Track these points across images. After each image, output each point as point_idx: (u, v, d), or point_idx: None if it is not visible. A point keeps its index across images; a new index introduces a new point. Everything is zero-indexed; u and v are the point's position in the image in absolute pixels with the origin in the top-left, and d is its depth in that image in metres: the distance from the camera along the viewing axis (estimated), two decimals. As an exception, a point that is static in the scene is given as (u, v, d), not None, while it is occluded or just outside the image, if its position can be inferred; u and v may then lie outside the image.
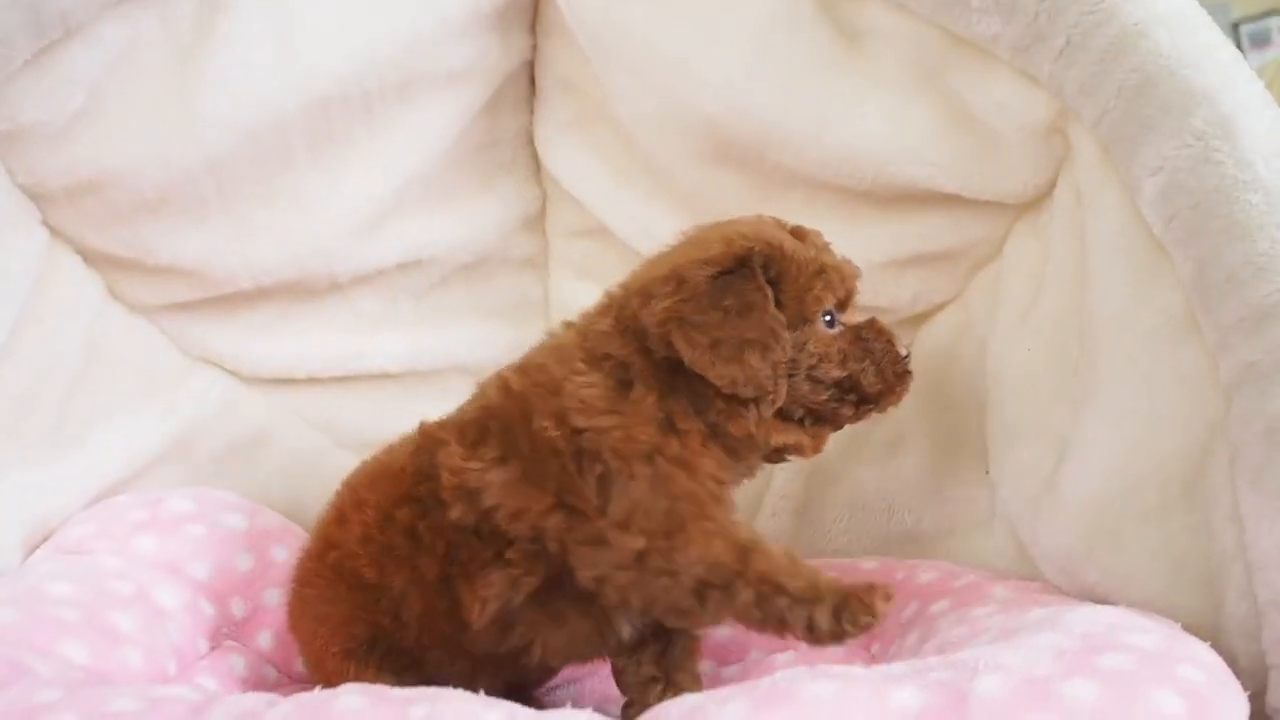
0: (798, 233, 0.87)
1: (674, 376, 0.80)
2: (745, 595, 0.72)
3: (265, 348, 1.15)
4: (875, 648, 0.93)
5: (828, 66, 1.03)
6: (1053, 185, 0.98)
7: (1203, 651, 0.69)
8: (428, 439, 0.84)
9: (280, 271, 1.10)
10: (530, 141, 1.22)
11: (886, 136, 1.02)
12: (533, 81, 1.23)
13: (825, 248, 0.87)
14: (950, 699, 0.63)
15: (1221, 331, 0.79)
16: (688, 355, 0.78)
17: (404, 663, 0.84)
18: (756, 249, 0.81)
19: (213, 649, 0.94)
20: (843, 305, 0.87)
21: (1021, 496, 0.97)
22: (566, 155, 1.19)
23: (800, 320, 0.83)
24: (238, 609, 0.98)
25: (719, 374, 0.78)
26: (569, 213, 1.23)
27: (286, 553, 1.03)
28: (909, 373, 0.87)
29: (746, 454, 0.84)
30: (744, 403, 0.81)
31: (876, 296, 1.08)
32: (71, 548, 0.94)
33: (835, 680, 0.65)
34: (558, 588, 0.79)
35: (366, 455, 1.18)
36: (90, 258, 1.05)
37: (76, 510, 1.00)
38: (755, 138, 1.05)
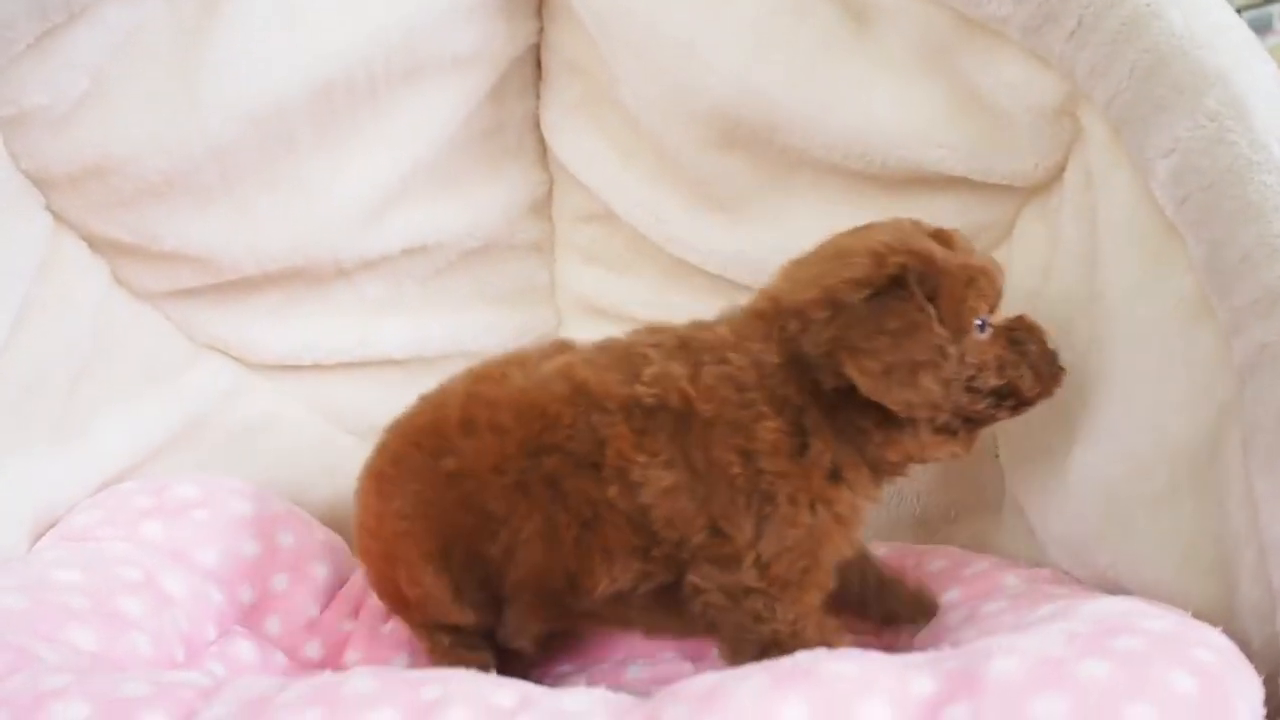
0: (941, 237, 0.84)
1: (837, 415, 0.81)
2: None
3: (271, 334, 1.15)
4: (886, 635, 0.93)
5: (835, 48, 1.02)
6: (1062, 168, 0.98)
7: (1214, 636, 0.69)
8: (584, 394, 0.82)
9: (286, 258, 1.10)
10: (536, 126, 1.21)
11: (895, 119, 1.01)
12: (539, 66, 1.22)
13: (970, 249, 0.85)
14: (965, 681, 0.63)
15: (1235, 314, 0.78)
16: (863, 384, 0.77)
17: (477, 585, 0.86)
18: (910, 265, 0.79)
19: (221, 635, 0.94)
20: (993, 308, 0.84)
21: (1032, 481, 0.97)
22: (573, 139, 1.19)
23: (958, 332, 0.81)
24: (246, 595, 0.97)
25: (895, 399, 0.78)
26: (575, 197, 1.22)
27: (293, 538, 1.03)
28: (1063, 370, 0.85)
29: (897, 474, 0.85)
30: (901, 426, 0.81)
31: (886, 282, 1.08)
32: (77, 535, 0.94)
33: (857, 662, 0.66)
34: (676, 586, 0.82)
35: (371, 442, 1.20)
36: (95, 244, 1.05)
37: (82, 498, 0.99)
38: (762, 121, 1.05)
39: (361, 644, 0.99)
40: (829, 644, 0.76)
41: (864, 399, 0.78)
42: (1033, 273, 1.01)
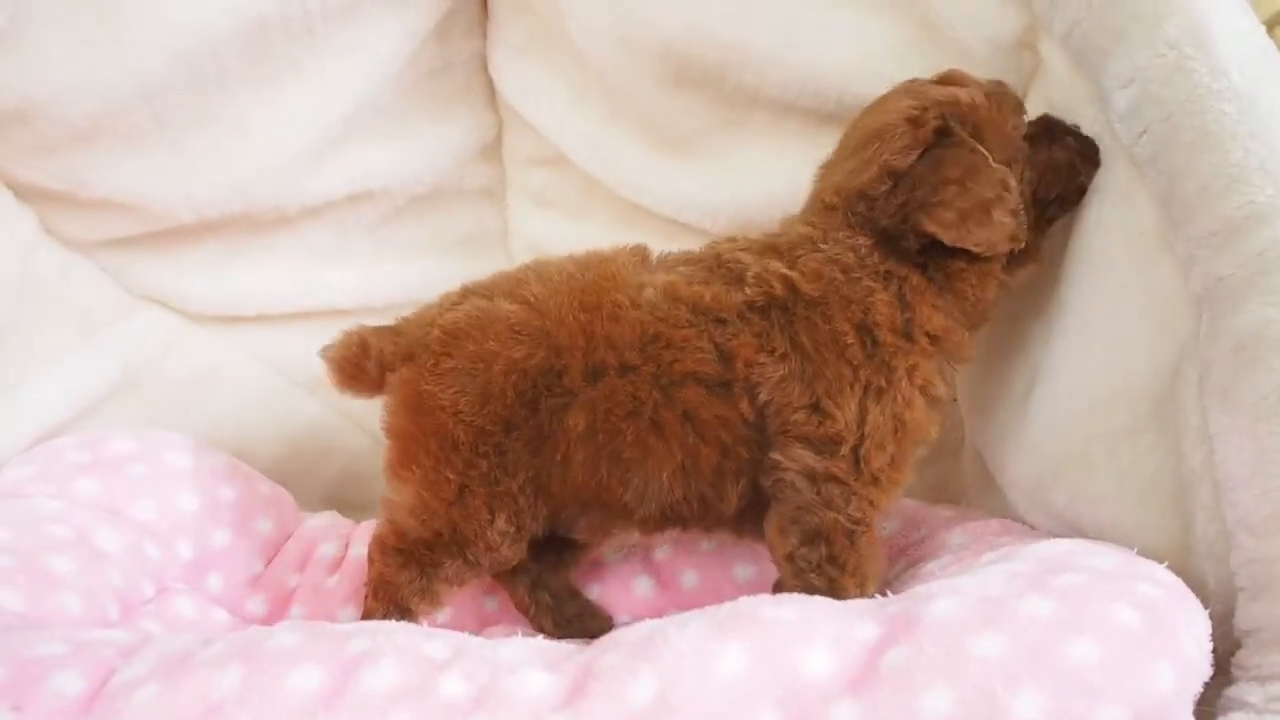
0: (949, 78, 0.86)
1: (935, 272, 0.83)
2: (833, 572, 0.78)
3: (212, 284, 1.12)
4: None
5: (789, -19, 0.99)
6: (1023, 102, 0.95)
7: (1159, 571, 0.68)
8: (701, 311, 0.81)
9: (223, 204, 1.06)
10: (484, 66, 1.17)
11: (851, 54, 0.98)
12: (485, 3, 1.17)
13: (977, 80, 0.86)
14: (905, 623, 0.61)
15: (1192, 246, 0.76)
16: (945, 235, 0.80)
17: (519, 491, 0.83)
18: (947, 114, 0.82)
19: (159, 593, 0.91)
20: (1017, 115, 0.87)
21: (989, 424, 0.95)
22: (521, 80, 1.15)
23: (1008, 156, 0.83)
24: (185, 551, 0.95)
25: (976, 240, 0.80)
26: (526, 140, 1.18)
27: (235, 493, 1.00)
28: (1096, 144, 0.85)
29: (989, 316, 0.87)
30: (989, 261, 0.83)
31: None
32: (7, 491, 0.91)
33: (799, 607, 0.64)
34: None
35: (323, 394, 1.17)
36: (20, 192, 1.01)
37: (14, 454, 0.96)
38: (715, 57, 1.02)
39: (307, 599, 0.96)
40: (875, 554, 0.79)
41: (949, 249, 0.81)
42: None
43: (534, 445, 0.81)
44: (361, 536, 1.00)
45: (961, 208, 0.80)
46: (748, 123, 1.05)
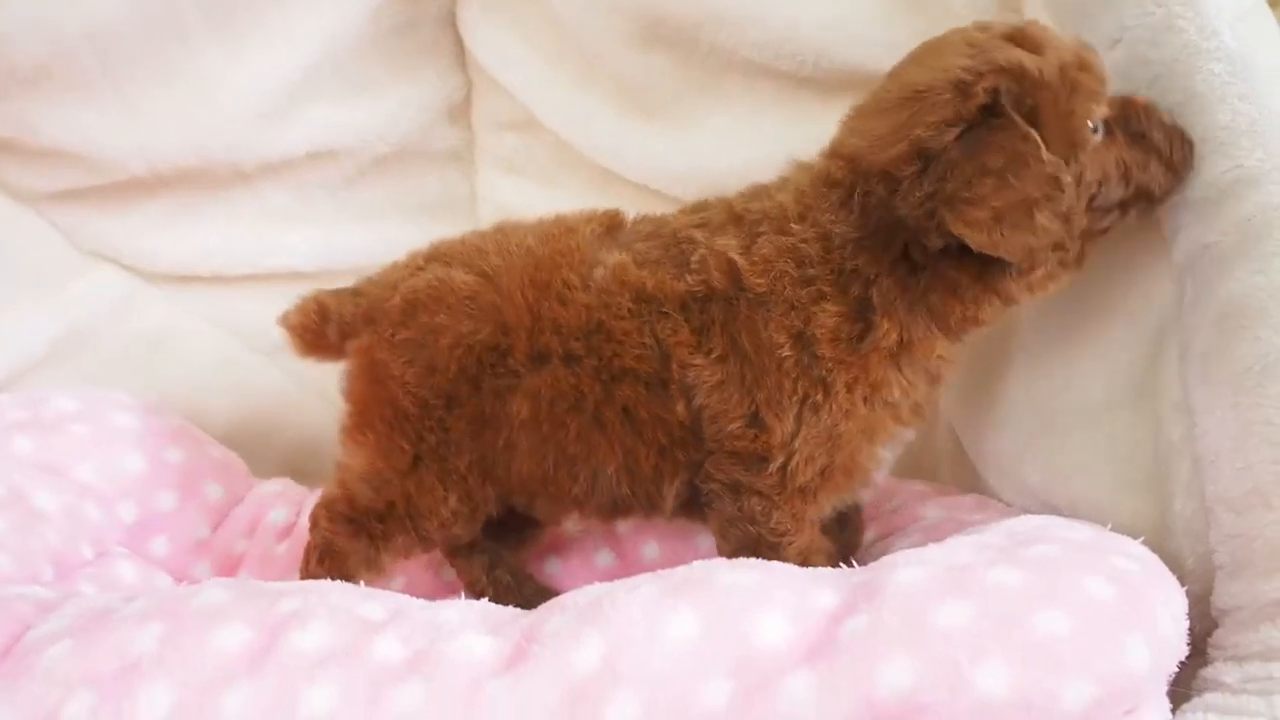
0: (1023, 37, 0.71)
1: (918, 281, 0.72)
2: None
3: (166, 243, 1.08)
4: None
5: (766, -61, 0.95)
6: (1004, 69, 0.92)
7: (1134, 546, 0.65)
8: (643, 299, 0.75)
9: (178, 157, 1.03)
10: (453, 24, 1.13)
11: (831, 14, 0.95)
12: (454, -43, 1.14)
13: (1060, 41, 0.71)
14: (867, 591, 0.58)
15: (1177, 213, 0.74)
16: (974, 239, 0.67)
17: (467, 471, 0.80)
18: (1001, 87, 0.68)
19: (99, 556, 0.88)
20: (1100, 96, 0.72)
21: (965, 399, 0.92)
22: (492, 39, 1.11)
23: (1070, 149, 0.69)
24: (128, 514, 0.91)
25: (1012, 248, 0.67)
26: (496, 103, 1.15)
27: (183, 455, 0.96)
28: (1192, 144, 0.72)
29: (980, 329, 0.76)
30: (1006, 272, 0.71)
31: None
32: (-58, 448, 0.87)
33: (757, 572, 0.61)
34: None
35: (279, 359, 1.13)
36: (-34, 138, 0.97)
37: (-47, 411, 0.92)
38: (689, 15, 0.98)
39: (254, 565, 0.93)
40: (807, 561, 0.72)
41: (964, 253, 0.69)
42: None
43: (476, 427, 0.78)
44: (314, 503, 0.96)
45: (997, 206, 0.66)
46: (722, 86, 1.02)
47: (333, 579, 0.78)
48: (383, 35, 1.09)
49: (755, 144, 1.03)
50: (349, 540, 0.81)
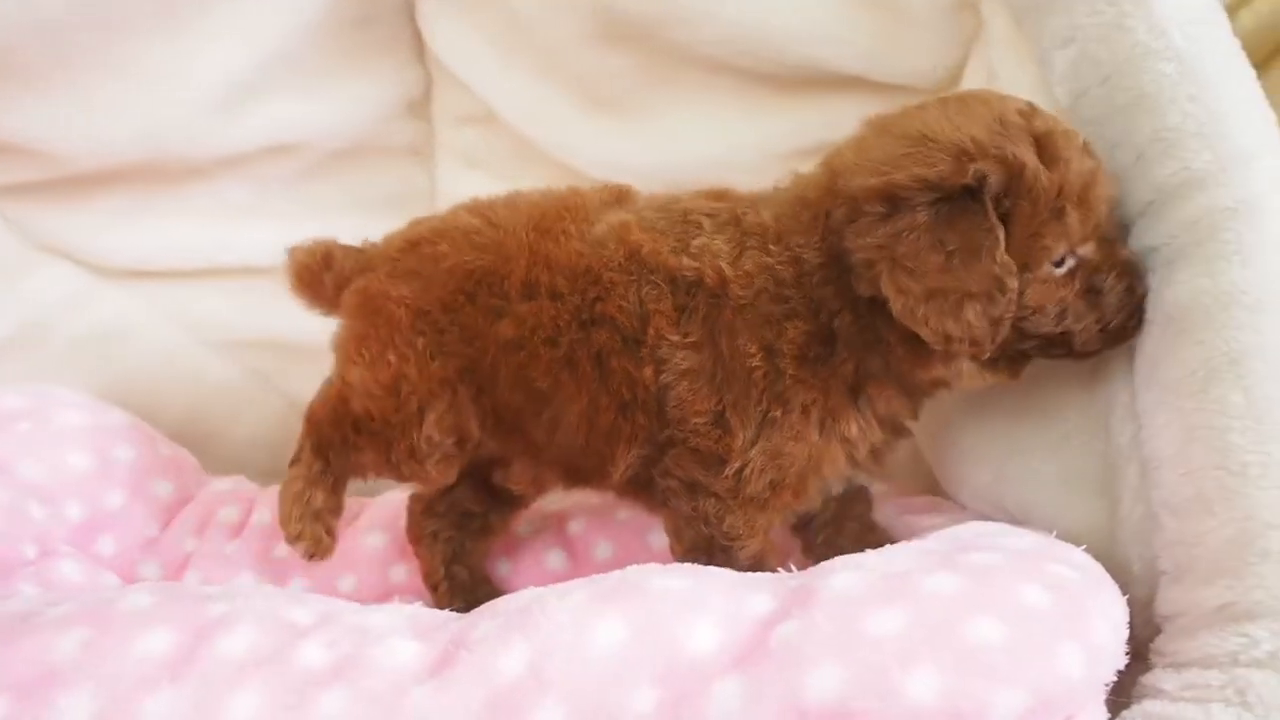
0: (1049, 141, 0.69)
1: (875, 320, 0.71)
2: None
3: (120, 238, 1.07)
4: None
5: (726, -66, 0.94)
6: (963, 68, 0.91)
7: (1076, 554, 0.64)
8: (636, 260, 0.75)
9: (130, 152, 1.01)
10: (412, 19, 1.12)
11: (789, 12, 0.94)
12: (413, -49, 1.12)
13: (1078, 159, 0.69)
14: (801, 597, 0.58)
15: (1129, 216, 0.73)
16: (897, 305, 0.67)
17: (454, 379, 0.80)
18: (992, 175, 0.67)
19: (42, 555, 0.86)
20: (1089, 236, 0.70)
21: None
22: (450, 33, 1.10)
23: (1026, 266, 0.68)
24: (74, 512, 0.90)
25: (931, 330, 0.67)
26: (455, 97, 1.13)
27: (132, 453, 0.95)
28: (1136, 330, 0.71)
29: (930, 394, 0.77)
30: (932, 351, 0.70)
31: (779, 190, 1.01)
32: (-119, 445, 0.86)
33: (690, 577, 0.60)
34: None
35: (236, 355, 1.12)
36: (-89, 131, 0.96)
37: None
38: (646, 12, 0.97)
39: (203, 564, 0.92)
40: (760, 566, 0.72)
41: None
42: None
43: (467, 335, 0.78)
44: (266, 501, 0.95)
45: (933, 286, 0.66)
46: (680, 82, 1.01)
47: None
48: (340, 28, 1.08)
49: (714, 140, 1.02)
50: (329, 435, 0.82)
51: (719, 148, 1.02)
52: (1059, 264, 0.70)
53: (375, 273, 0.82)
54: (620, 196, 0.82)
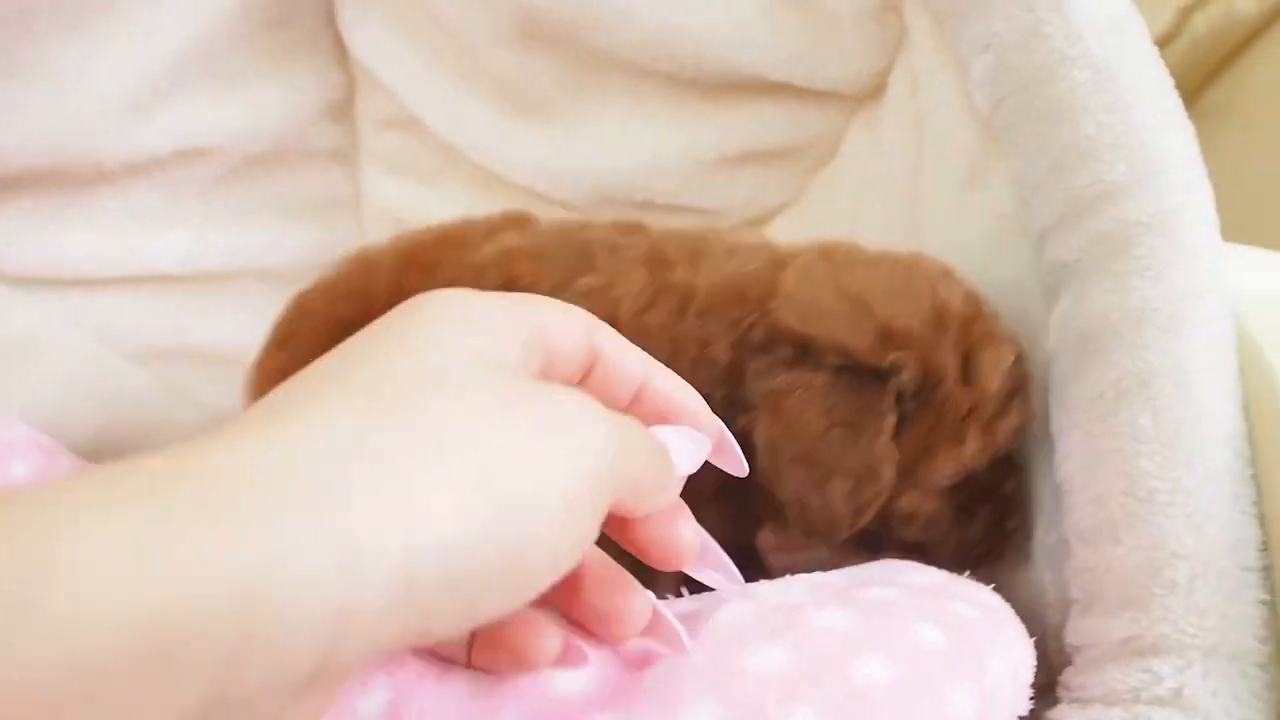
0: (977, 356, 0.66)
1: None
2: None
3: (26, 245, 1.02)
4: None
5: (645, -64, 0.92)
6: (888, 73, 0.89)
7: (984, 593, 0.61)
8: (508, 283, 0.68)
9: (32, 157, 0.97)
10: (332, 21, 1.08)
11: (708, 15, 0.91)
12: (334, -50, 1.09)
13: (999, 383, 0.66)
14: (684, 626, 0.54)
15: (1045, 229, 0.71)
16: (762, 459, 0.62)
17: None
18: (906, 372, 0.64)
19: (-72, 577, 0.83)
20: (984, 459, 0.68)
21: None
22: (371, 35, 1.06)
23: (909, 471, 0.65)
24: (-37, 532, 0.86)
25: (789, 495, 0.63)
26: (378, 101, 1.10)
27: (28, 469, 0.91)
28: (993, 559, 0.69)
29: None
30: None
31: (706, 198, 0.99)
32: None
33: None
34: None
35: (149, 366, 1.08)
36: None
37: None
38: (565, 15, 0.94)
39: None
40: None
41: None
42: (855, 189, 0.92)
43: None
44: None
45: (805, 447, 0.62)
46: (604, 87, 0.98)
47: None
48: (255, 30, 1.04)
49: (640, 146, 1.00)
50: None
51: (645, 154, 0.99)
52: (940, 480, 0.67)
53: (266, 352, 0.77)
54: (517, 221, 0.76)
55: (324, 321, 0.74)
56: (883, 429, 0.63)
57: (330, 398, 0.36)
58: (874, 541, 0.69)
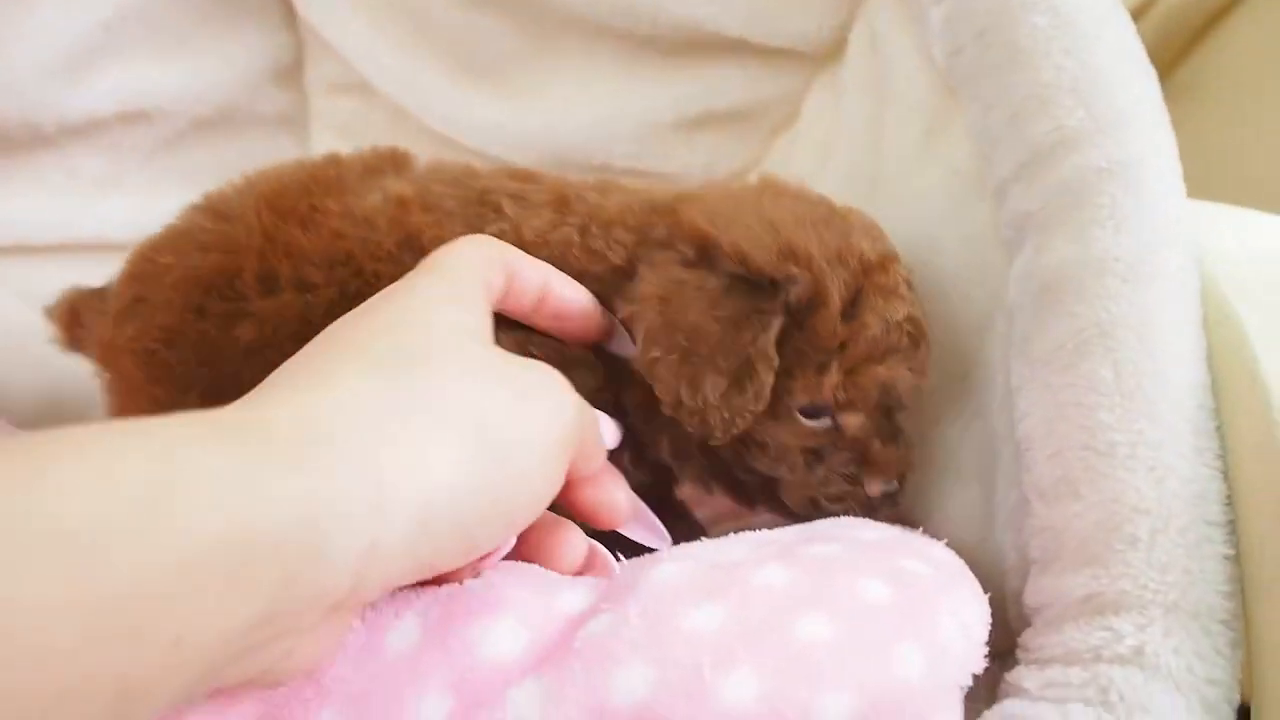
0: (868, 298, 0.63)
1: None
2: None
3: (-39, 211, 0.99)
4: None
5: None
6: (848, 30, 0.87)
7: (936, 549, 0.59)
8: (412, 249, 0.64)
9: (-35, 118, 0.94)
10: (279, -21, 1.06)
11: (665, -31, 0.89)
12: (280, -92, 1.06)
13: (881, 334, 0.63)
14: (618, 591, 0.52)
15: (1004, 181, 0.68)
16: (642, 352, 0.60)
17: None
18: (802, 283, 0.61)
19: None
20: (849, 408, 0.64)
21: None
22: (320, -1, 1.04)
23: (785, 395, 0.62)
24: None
25: (663, 388, 0.60)
26: (328, 65, 1.07)
27: (-42, 441, 0.88)
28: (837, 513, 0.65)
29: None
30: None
31: (666, 161, 0.97)
32: None
33: (495, 574, 0.53)
34: None
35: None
36: None
37: None
38: (518, -29, 0.92)
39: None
40: None
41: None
42: (816, 151, 0.90)
43: (202, 354, 0.66)
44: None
45: (684, 345, 0.59)
46: (558, 47, 0.96)
47: None
48: (199, -11, 1.01)
49: (596, 107, 0.97)
50: None
51: (601, 115, 0.96)
52: (812, 415, 0.64)
53: (107, 315, 0.70)
54: (394, 162, 0.71)
55: (181, 279, 0.67)
56: (767, 330, 0.60)
57: (358, 365, 0.43)
58: (731, 471, 0.67)
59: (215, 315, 0.66)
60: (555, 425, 0.47)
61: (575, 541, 0.54)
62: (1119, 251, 0.60)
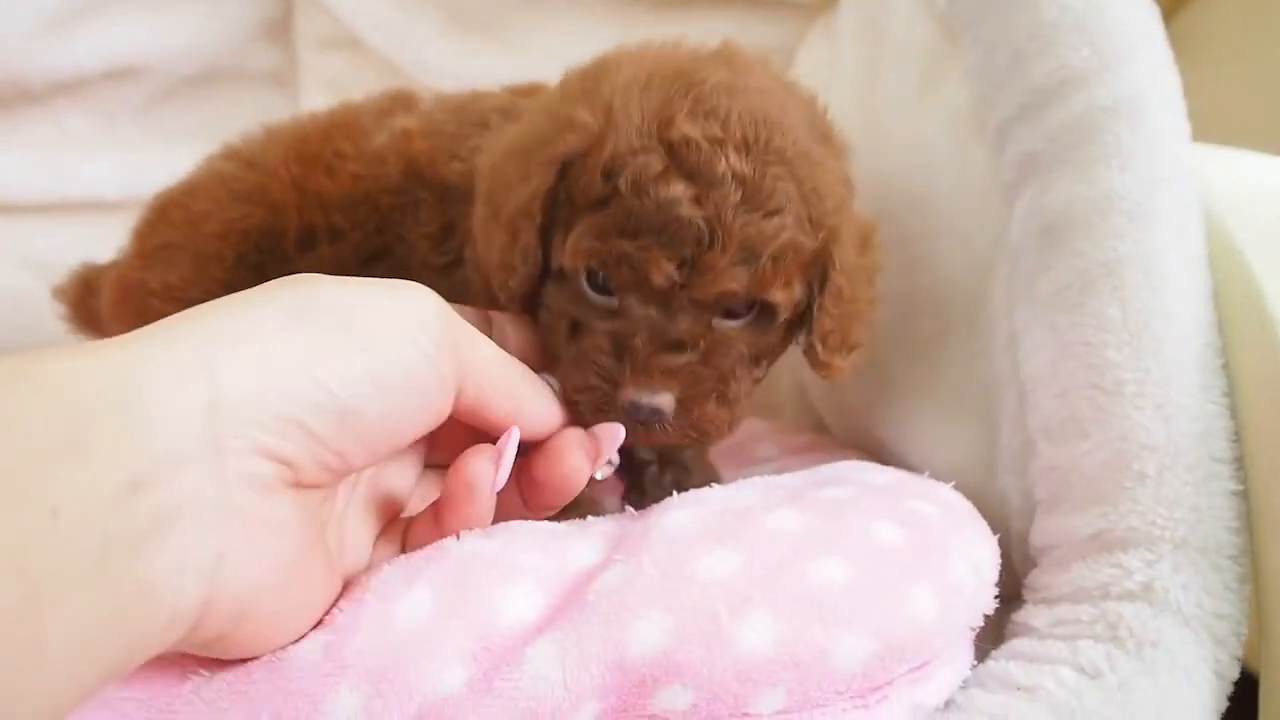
0: (641, 173, 0.52)
1: None
2: None
3: (-57, 168, 0.98)
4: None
5: None
6: (845, -24, 0.86)
7: (943, 490, 0.59)
8: (413, 175, 0.65)
9: (-51, 75, 0.92)
10: (266, -67, 1.04)
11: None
12: None
13: (633, 200, 0.52)
14: (630, 540, 0.52)
15: (1006, 122, 0.68)
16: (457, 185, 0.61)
17: None
18: (592, 137, 0.53)
19: None
20: (641, 286, 0.53)
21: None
22: (308, -50, 1.02)
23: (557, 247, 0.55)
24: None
25: (475, 246, 0.59)
26: (318, 20, 1.05)
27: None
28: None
29: None
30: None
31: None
32: None
33: (504, 536, 0.52)
34: None
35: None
36: None
37: None
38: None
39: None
40: None
41: None
42: (812, 99, 0.89)
43: None
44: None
45: (489, 206, 0.57)
46: (548, 3, 0.94)
47: None
48: (186, -57, 0.99)
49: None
50: None
51: (593, 66, 0.95)
52: (603, 292, 0.54)
53: (123, 257, 0.70)
54: (405, 103, 0.70)
55: (224, 230, 0.67)
56: (536, 191, 0.54)
57: (264, 305, 0.46)
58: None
59: (261, 269, 0.67)
60: (417, 313, 0.47)
61: (577, 453, 0.53)
62: (1125, 190, 0.60)
